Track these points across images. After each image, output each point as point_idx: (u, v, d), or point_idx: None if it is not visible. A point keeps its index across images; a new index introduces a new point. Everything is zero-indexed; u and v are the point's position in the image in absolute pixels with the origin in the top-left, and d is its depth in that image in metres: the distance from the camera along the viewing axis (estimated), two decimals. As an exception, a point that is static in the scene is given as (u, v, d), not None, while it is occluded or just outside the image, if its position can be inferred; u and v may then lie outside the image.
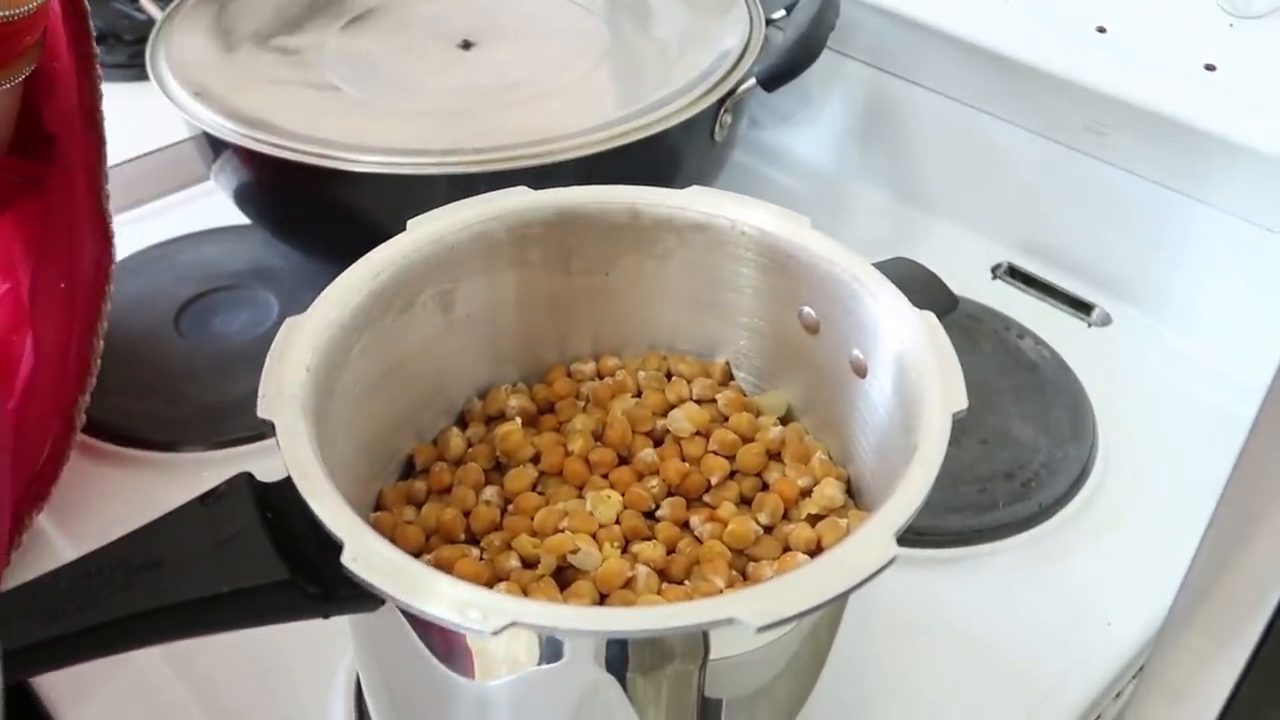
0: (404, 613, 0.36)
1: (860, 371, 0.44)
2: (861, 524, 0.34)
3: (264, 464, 0.37)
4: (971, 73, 0.69)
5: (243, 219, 0.71)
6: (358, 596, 0.34)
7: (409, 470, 0.47)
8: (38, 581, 0.33)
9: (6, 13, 0.42)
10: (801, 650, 0.38)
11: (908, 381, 0.40)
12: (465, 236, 0.45)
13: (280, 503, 0.36)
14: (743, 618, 0.31)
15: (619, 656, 0.34)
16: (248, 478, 0.36)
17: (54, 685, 0.49)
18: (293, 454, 0.35)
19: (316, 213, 0.62)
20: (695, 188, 0.47)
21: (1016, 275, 0.71)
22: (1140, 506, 0.56)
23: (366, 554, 0.32)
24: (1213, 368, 0.64)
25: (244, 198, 0.65)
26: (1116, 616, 0.52)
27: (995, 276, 0.71)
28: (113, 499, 0.57)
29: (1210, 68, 0.59)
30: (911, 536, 0.33)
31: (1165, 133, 0.61)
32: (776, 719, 0.40)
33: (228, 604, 0.33)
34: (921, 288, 0.44)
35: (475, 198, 0.46)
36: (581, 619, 0.31)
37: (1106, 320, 0.68)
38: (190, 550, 0.34)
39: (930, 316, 0.41)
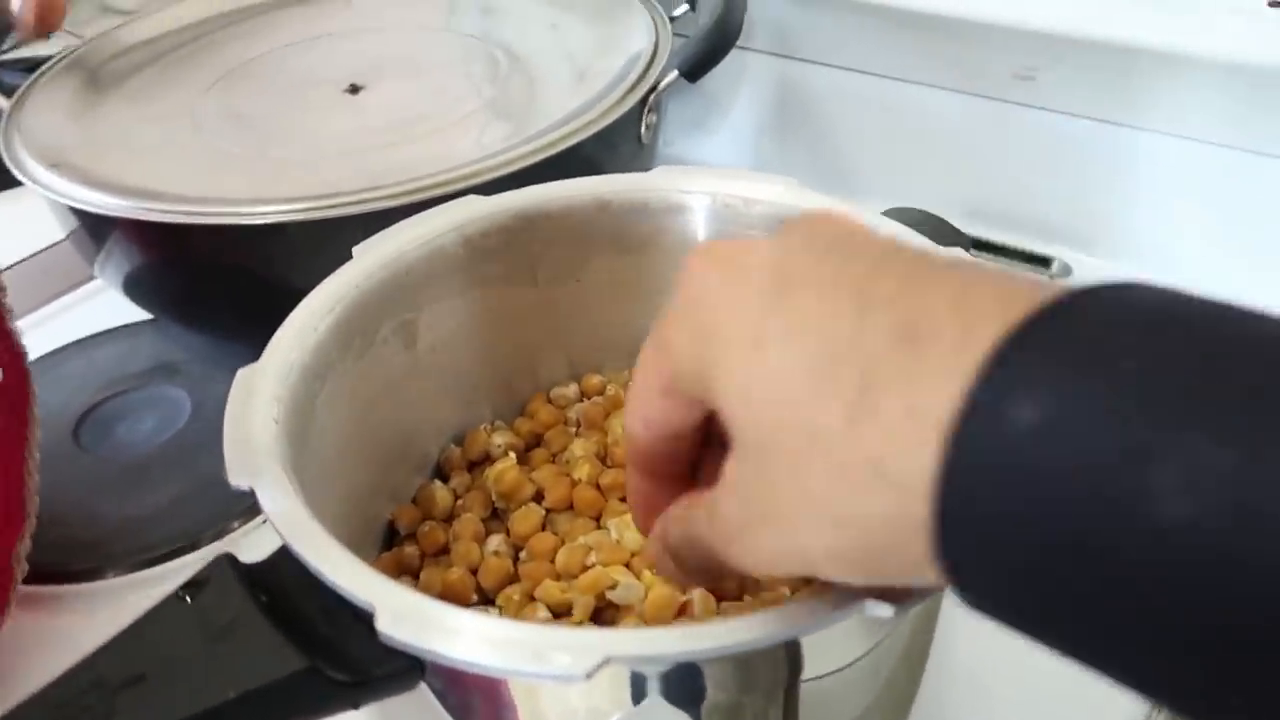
0: (446, 685, 0.30)
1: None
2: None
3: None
4: (886, 40, 0.67)
5: (132, 316, 0.64)
6: (396, 674, 0.28)
7: (390, 539, 0.41)
8: (-7, 725, 0.26)
9: None
10: (896, 667, 0.33)
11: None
12: (419, 256, 0.40)
13: (274, 582, 0.30)
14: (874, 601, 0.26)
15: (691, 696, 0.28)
16: (229, 559, 0.30)
17: None
18: (284, 516, 0.29)
19: (223, 284, 0.56)
20: (662, 167, 0.43)
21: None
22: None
23: (406, 615, 0.26)
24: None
25: (137, 284, 0.58)
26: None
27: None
28: (37, 648, 0.49)
29: (1134, -17, 0.57)
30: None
31: (1098, 60, 0.59)
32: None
33: (238, 712, 0.27)
34: (933, 232, 0.40)
35: (424, 213, 0.41)
36: (691, 639, 0.25)
37: (1067, 271, 0.66)
38: (180, 654, 0.27)
39: (959, 251, 0.37)
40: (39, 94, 0.63)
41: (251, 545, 0.50)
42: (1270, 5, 0.53)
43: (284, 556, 0.30)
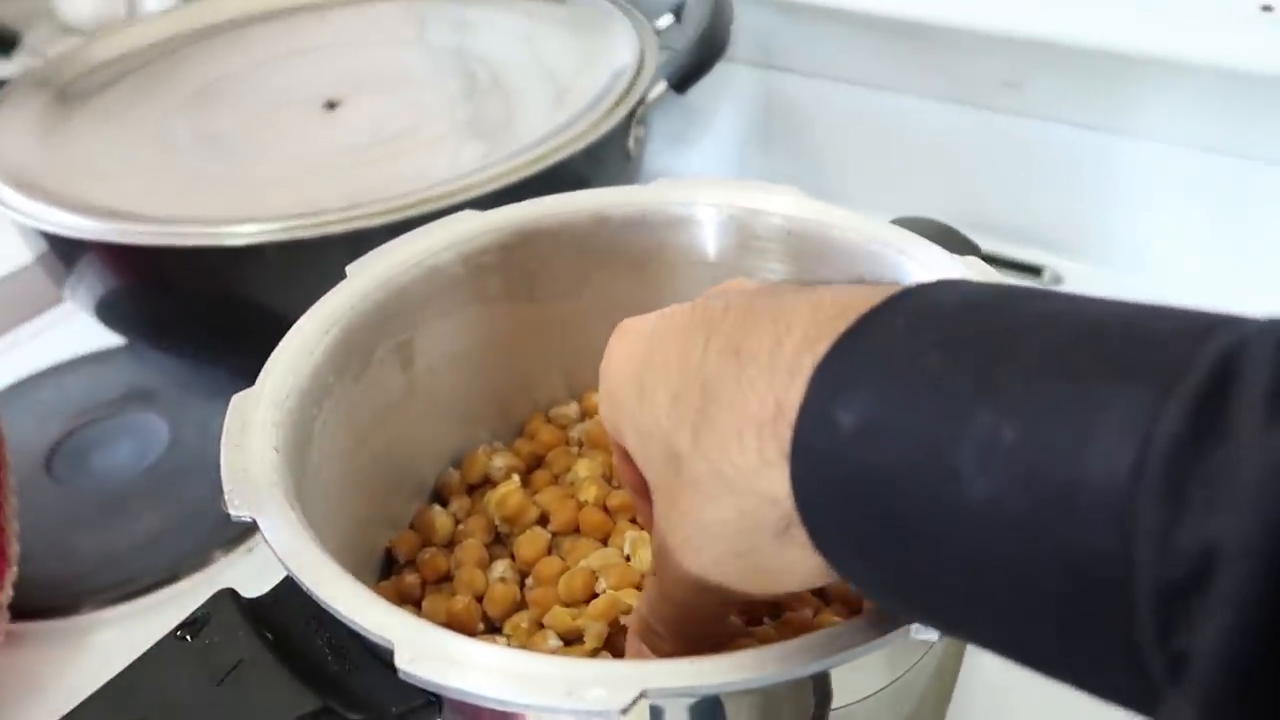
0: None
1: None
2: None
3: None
4: (871, 49, 0.66)
5: (105, 341, 0.62)
6: (412, 711, 0.27)
7: (388, 569, 0.40)
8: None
9: None
10: (925, 690, 0.32)
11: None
12: (415, 275, 0.38)
13: (279, 617, 0.28)
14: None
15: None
16: (231, 594, 0.28)
17: None
18: (292, 549, 0.27)
19: (200, 308, 0.54)
20: (661, 180, 0.42)
21: (954, 253, 0.68)
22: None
23: (428, 651, 0.25)
24: (1172, 299, 0.61)
25: (110, 308, 0.56)
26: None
27: (932, 258, 0.68)
28: (15, 689, 0.47)
29: (1124, -12, 0.57)
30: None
31: (1086, 67, 0.59)
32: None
33: (247, 759, 0.25)
34: (945, 241, 0.39)
35: (419, 229, 0.39)
36: (730, 670, 0.24)
37: (1058, 280, 0.65)
38: (183, 699, 0.26)
39: (974, 259, 0.36)
40: (4, 113, 0.61)
41: (237, 575, 0.48)
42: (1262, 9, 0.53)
43: (287, 590, 0.29)
